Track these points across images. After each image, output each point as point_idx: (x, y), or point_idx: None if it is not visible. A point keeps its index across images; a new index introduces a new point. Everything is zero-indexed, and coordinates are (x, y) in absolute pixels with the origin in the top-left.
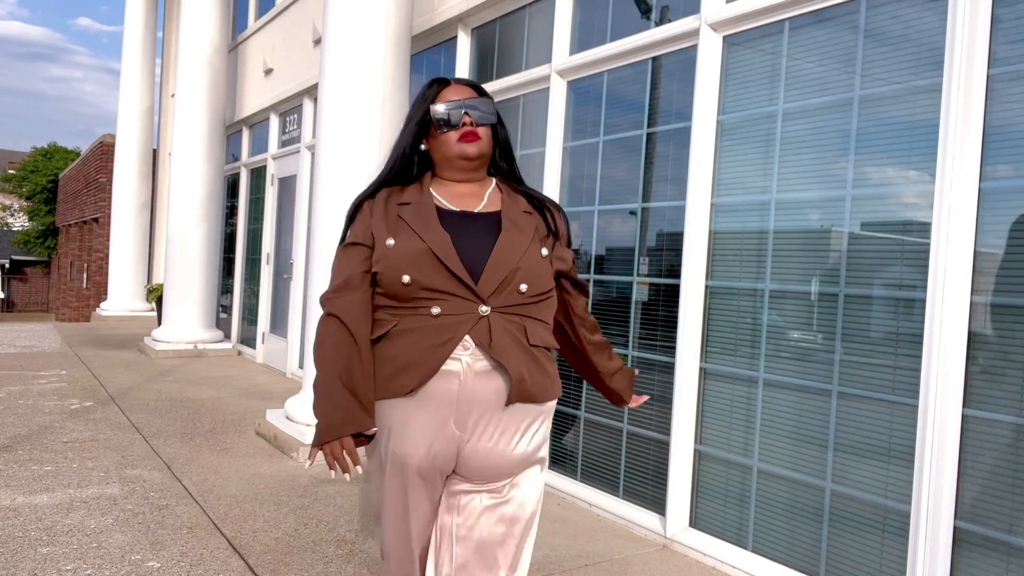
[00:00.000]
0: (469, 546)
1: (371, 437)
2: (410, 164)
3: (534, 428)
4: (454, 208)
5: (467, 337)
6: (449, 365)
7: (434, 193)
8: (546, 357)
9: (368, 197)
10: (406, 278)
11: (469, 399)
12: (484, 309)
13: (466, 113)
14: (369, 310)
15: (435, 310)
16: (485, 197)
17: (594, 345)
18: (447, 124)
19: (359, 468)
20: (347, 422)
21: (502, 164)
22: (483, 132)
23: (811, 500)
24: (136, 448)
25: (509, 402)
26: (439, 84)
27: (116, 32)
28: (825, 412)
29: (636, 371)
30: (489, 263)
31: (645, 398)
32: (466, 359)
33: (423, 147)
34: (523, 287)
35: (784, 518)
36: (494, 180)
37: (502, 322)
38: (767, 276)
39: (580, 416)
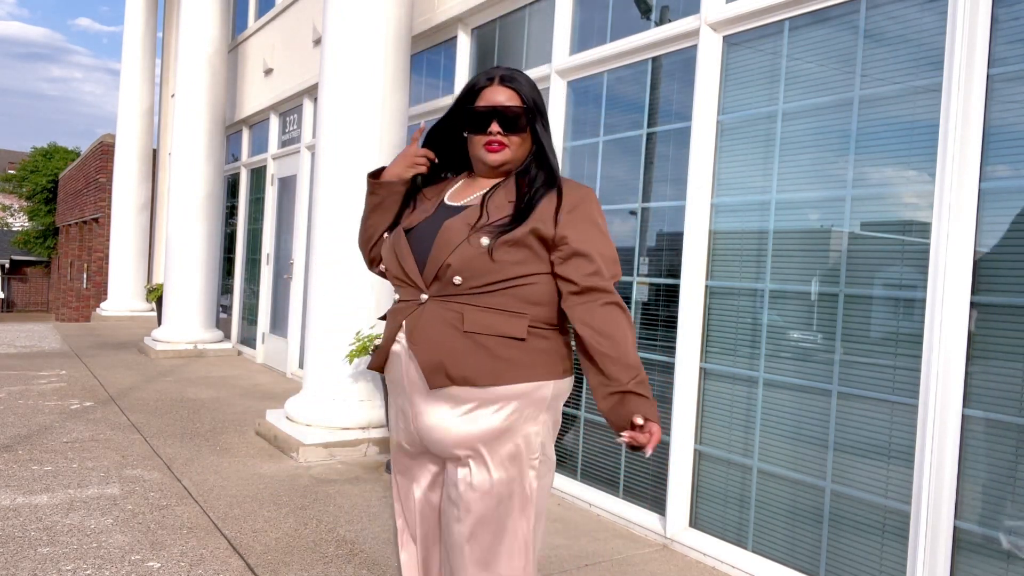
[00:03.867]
0: (442, 525)
1: None
2: (441, 147)
3: (483, 411)
4: (453, 203)
5: (404, 322)
6: (395, 347)
7: (455, 187)
8: (503, 343)
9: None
10: (383, 265)
11: (407, 380)
12: (424, 297)
13: (495, 122)
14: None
15: (396, 296)
16: (482, 190)
17: (584, 351)
18: (475, 129)
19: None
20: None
21: (540, 165)
22: (513, 140)
23: (811, 500)
24: (136, 448)
25: (432, 386)
26: (485, 82)
27: (116, 32)
28: (825, 412)
29: (639, 419)
30: (430, 255)
31: (626, 438)
32: (403, 343)
33: (466, 134)
34: (456, 279)
35: (784, 518)
36: (515, 175)
37: (439, 309)
38: (767, 276)
39: (580, 416)
